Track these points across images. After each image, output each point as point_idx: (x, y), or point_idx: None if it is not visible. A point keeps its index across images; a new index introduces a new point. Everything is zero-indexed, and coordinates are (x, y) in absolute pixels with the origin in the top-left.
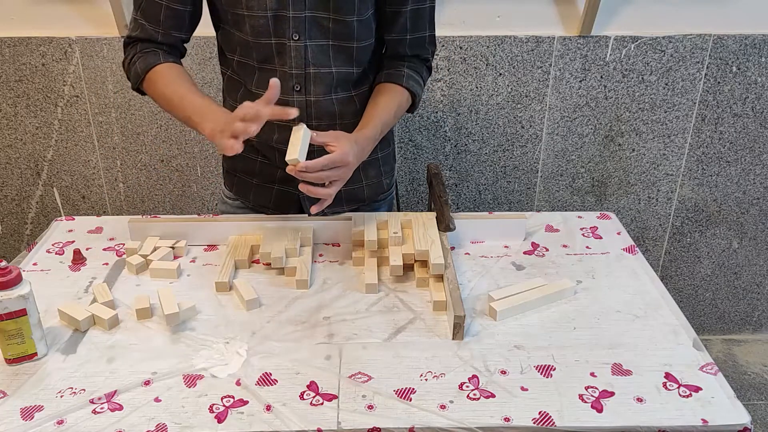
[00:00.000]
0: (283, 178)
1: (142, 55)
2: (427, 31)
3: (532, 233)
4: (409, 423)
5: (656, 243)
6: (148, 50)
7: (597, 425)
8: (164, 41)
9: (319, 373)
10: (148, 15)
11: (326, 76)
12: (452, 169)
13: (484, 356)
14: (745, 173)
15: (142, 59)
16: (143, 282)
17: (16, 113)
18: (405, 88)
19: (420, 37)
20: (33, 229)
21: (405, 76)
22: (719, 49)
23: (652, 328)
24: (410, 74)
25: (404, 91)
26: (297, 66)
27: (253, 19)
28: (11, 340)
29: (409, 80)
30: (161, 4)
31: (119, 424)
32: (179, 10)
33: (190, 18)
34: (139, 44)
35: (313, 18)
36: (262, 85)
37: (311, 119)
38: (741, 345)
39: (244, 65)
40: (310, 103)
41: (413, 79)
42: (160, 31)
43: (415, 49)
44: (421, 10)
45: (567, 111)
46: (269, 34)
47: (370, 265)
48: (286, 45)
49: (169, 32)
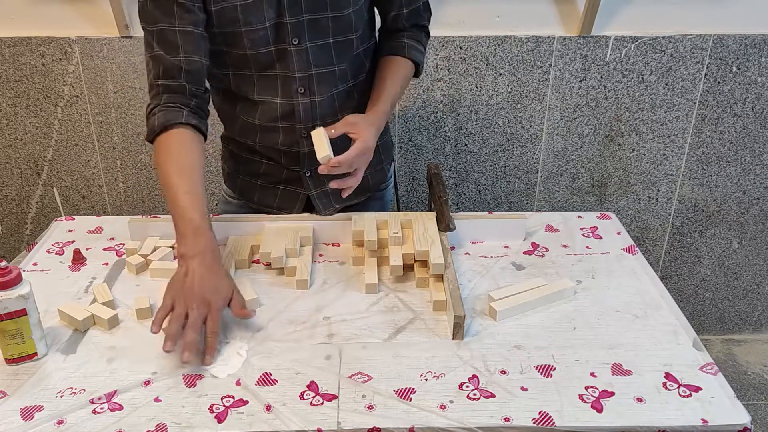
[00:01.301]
0: (289, 178)
1: (166, 108)
2: (421, 1)
3: (532, 233)
4: (409, 423)
5: (656, 243)
6: (172, 105)
7: (597, 425)
8: (189, 69)
9: (319, 373)
10: (165, 44)
11: (329, 75)
12: (452, 169)
13: (484, 356)
14: (745, 173)
15: (162, 114)
16: (143, 282)
17: (16, 113)
18: (408, 59)
19: (415, 8)
20: (33, 229)
21: (407, 46)
22: (719, 49)
23: (652, 328)
24: (411, 44)
25: (407, 62)
26: (300, 69)
27: (251, 33)
28: (11, 340)
29: (411, 50)
30: (176, 29)
31: (119, 424)
32: (194, 33)
33: (204, 43)
34: (165, 96)
35: (311, 20)
36: (263, 92)
37: (315, 119)
38: (741, 345)
39: (241, 77)
40: (315, 104)
41: (414, 48)
42: (182, 57)
43: (412, 19)
44: None
45: (567, 111)
46: (269, 43)
47: (370, 265)
48: (287, 50)
49: (190, 57)
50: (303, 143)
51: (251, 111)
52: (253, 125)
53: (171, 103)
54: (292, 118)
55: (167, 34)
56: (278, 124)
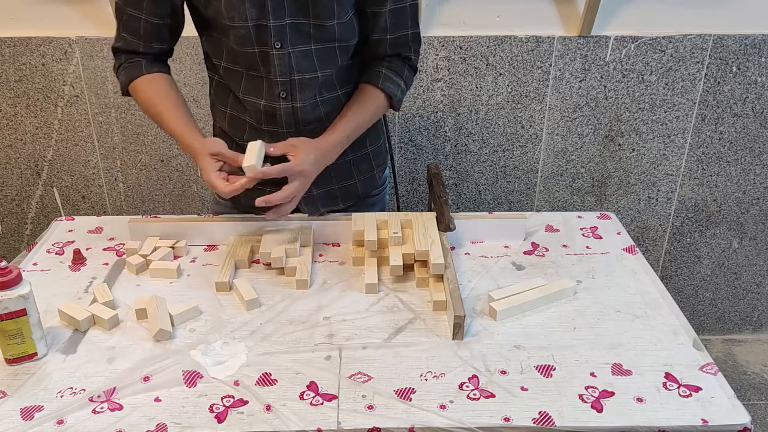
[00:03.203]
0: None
1: (126, 66)
2: (410, 30)
3: (532, 233)
4: (409, 423)
5: (656, 243)
6: (132, 61)
7: (597, 425)
8: (146, 51)
9: (319, 373)
10: (129, 28)
11: (311, 81)
12: (452, 169)
13: (484, 356)
14: (745, 173)
15: (124, 72)
16: (143, 282)
17: (16, 113)
18: (380, 90)
19: (401, 36)
20: (33, 229)
21: (382, 77)
22: (719, 49)
23: (652, 328)
24: (388, 74)
25: (379, 93)
26: (281, 74)
27: (235, 29)
28: (11, 340)
29: (386, 81)
30: (140, 18)
31: (119, 424)
32: (158, 23)
33: (169, 30)
34: (123, 55)
35: (293, 25)
36: (248, 91)
37: (298, 125)
38: (741, 345)
39: (231, 71)
40: (296, 109)
41: (390, 80)
42: (141, 43)
43: (396, 48)
44: (401, 8)
45: (567, 111)
46: (252, 43)
47: (370, 265)
48: (270, 53)
49: (149, 44)
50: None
51: (239, 107)
52: (243, 121)
53: (131, 60)
54: (275, 121)
55: (131, 20)
56: (262, 126)
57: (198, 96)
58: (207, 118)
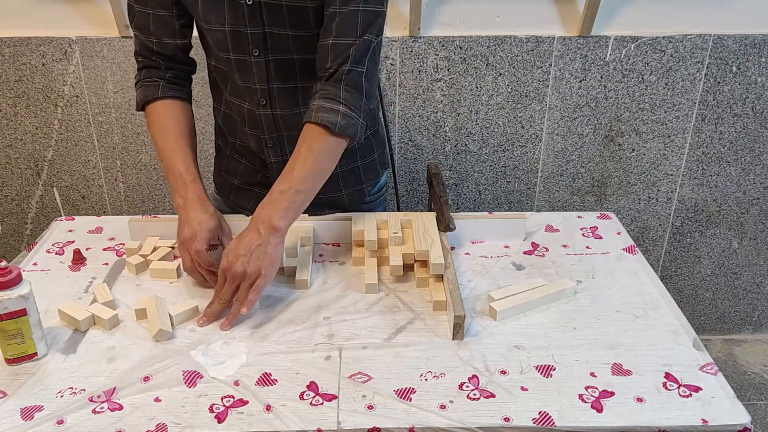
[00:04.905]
0: (263, 182)
1: (144, 84)
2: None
3: (532, 233)
4: (409, 423)
5: (656, 243)
6: (150, 80)
7: (597, 425)
8: (160, 51)
9: (319, 373)
10: (140, 26)
11: (291, 91)
12: (452, 169)
13: (484, 356)
14: (745, 173)
15: (142, 90)
16: (143, 282)
17: (16, 113)
18: (314, 124)
19: (342, 43)
20: (33, 229)
21: (314, 110)
22: (719, 49)
23: (652, 328)
24: (321, 105)
25: (315, 127)
26: (260, 81)
27: (212, 33)
28: (11, 340)
29: (318, 113)
30: (148, 13)
31: (119, 424)
32: (165, 16)
33: (178, 23)
34: (144, 71)
35: (272, 34)
36: (234, 94)
37: (280, 131)
38: (741, 345)
39: (221, 71)
40: (276, 116)
41: (323, 109)
42: (153, 39)
43: (337, 57)
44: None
45: (567, 111)
46: (228, 50)
47: (370, 265)
48: (248, 61)
49: (161, 40)
50: (269, 152)
51: (230, 106)
52: (234, 119)
53: (149, 78)
54: (258, 126)
55: (140, 17)
56: (246, 129)
57: (198, 96)
58: (207, 118)
